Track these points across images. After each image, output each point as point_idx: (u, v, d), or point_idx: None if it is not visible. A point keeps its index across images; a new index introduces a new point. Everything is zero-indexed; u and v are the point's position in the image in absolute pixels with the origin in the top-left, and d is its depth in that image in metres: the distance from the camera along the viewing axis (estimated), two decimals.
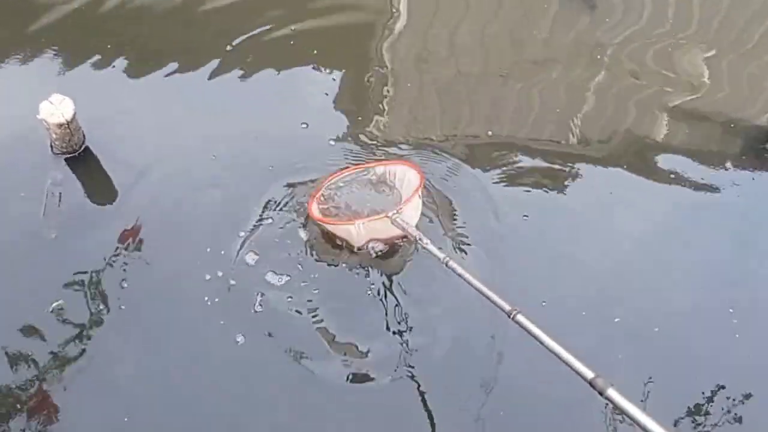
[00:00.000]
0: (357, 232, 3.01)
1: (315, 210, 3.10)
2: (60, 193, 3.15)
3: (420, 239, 2.87)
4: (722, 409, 2.81)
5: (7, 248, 3.00)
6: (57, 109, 3.03)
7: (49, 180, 3.20)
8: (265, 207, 3.18)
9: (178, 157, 3.37)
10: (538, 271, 3.11)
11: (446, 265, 2.71)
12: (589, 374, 2.08)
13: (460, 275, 2.64)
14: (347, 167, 3.30)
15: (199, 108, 3.59)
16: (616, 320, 2.97)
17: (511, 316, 2.34)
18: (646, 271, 3.17)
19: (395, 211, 2.97)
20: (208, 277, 2.94)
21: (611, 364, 2.80)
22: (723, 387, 2.86)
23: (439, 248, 2.81)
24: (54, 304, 2.83)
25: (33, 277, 2.93)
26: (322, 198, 3.17)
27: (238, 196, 3.21)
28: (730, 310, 3.04)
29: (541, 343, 2.23)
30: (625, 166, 3.57)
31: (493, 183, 3.41)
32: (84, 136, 3.27)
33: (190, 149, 3.39)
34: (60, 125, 3.05)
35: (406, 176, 3.22)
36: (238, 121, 3.55)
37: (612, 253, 3.21)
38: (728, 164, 3.64)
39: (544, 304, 2.96)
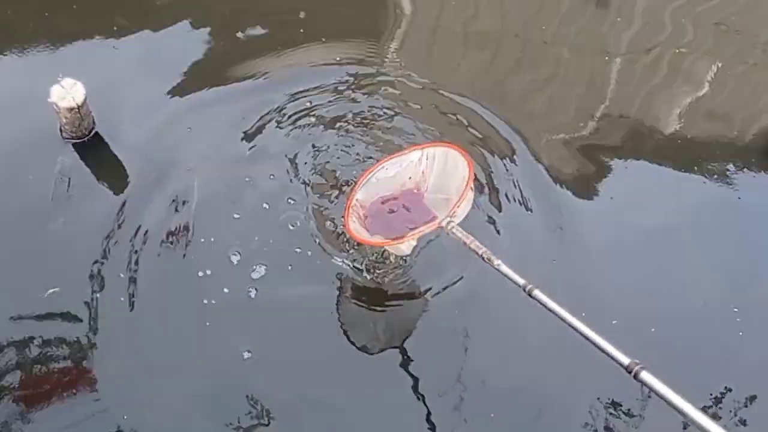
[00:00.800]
0: (407, 245, 2.61)
1: (353, 226, 2.60)
2: (69, 179, 3.16)
3: (489, 259, 2.32)
4: (727, 410, 2.79)
5: (15, 232, 3.00)
6: (68, 93, 3.05)
7: (58, 165, 3.20)
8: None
9: (187, 144, 3.37)
10: (535, 267, 2.99)
11: (530, 294, 2.18)
12: None
13: (552, 311, 2.12)
14: (380, 161, 2.84)
15: (209, 95, 3.60)
16: (614, 322, 2.92)
17: (632, 372, 1.94)
18: (648, 270, 3.15)
19: (449, 218, 2.48)
20: (201, 273, 2.91)
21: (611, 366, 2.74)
22: (728, 388, 2.84)
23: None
24: (50, 291, 2.82)
25: (38, 262, 2.92)
26: (356, 204, 2.70)
27: (244, 184, 3.22)
28: (735, 309, 3.03)
29: (674, 407, 1.87)
30: (630, 165, 3.57)
31: (499, 174, 3.40)
32: (94, 121, 3.28)
33: (200, 137, 3.40)
34: (70, 109, 3.06)
35: (448, 158, 2.69)
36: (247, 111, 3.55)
37: (613, 251, 3.20)
38: (736, 164, 3.64)
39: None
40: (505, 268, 2.28)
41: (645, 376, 1.92)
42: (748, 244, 3.30)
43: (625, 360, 1.97)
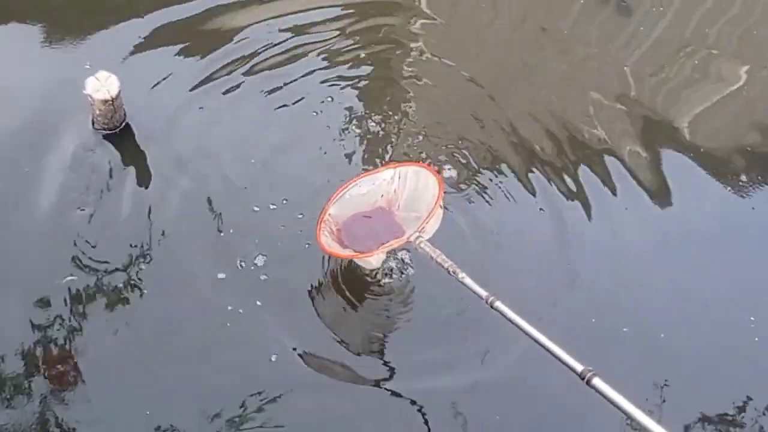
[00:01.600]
0: (376, 258, 2.70)
1: (325, 240, 2.68)
2: (102, 169, 3.20)
3: (454, 272, 2.42)
4: (742, 418, 2.82)
5: (45, 219, 3.05)
6: (103, 85, 3.10)
7: (89, 155, 3.25)
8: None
9: (213, 134, 3.44)
10: (546, 277, 3.09)
11: (491, 306, 2.27)
12: None
13: (512, 321, 2.22)
14: (353, 178, 2.91)
15: (242, 99, 3.64)
16: (625, 330, 2.95)
17: (585, 379, 2.02)
18: (663, 278, 3.15)
19: (417, 233, 2.58)
20: (221, 275, 2.92)
21: (623, 374, 2.51)
22: (747, 397, 2.86)
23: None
24: (67, 278, 2.85)
25: (63, 249, 2.96)
26: (329, 218, 2.77)
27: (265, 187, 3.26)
28: (751, 318, 3.04)
29: (624, 412, 1.95)
30: (646, 173, 3.57)
31: (510, 176, 3.44)
32: (125, 113, 3.33)
33: (226, 137, 3.45)
34: (105, 101, 3.12)
35: (419, 178, 2.80)
36: (275, 115, 3.60)
37: (627, 259, 3.20)
38: (755, 174, 3.64)
39: (552, 311, 2.91)
40: (469, 281, 2.38)
41: (596, 382, 2.00)
42: (766, 254, 3.32)
43: (579, 367, 2.05)
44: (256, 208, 3.14)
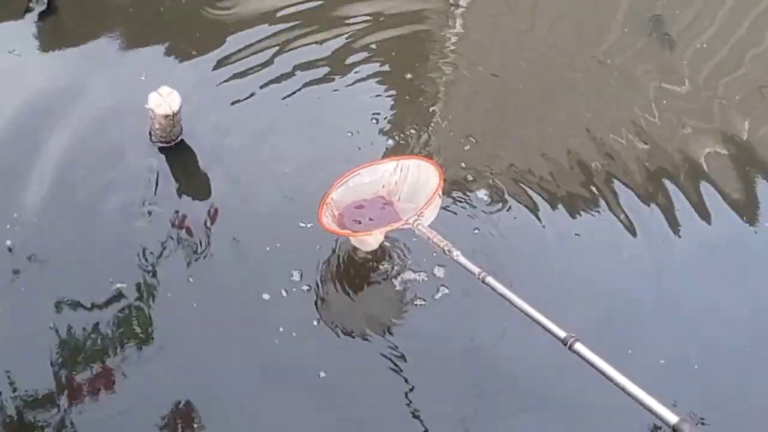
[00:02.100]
0: (375, 239, 2.81)
1: (326, 220, 2.79)
2: (156, 182, 3.32)
3: (449, 251, 2.57)
4: None
5: (98, 229, 3.15)
6: (164, 100, 3.23)
7: (145, 168, 3.37)
8: None
9: (267, 160, 3.53)
10: (577, 306, 3.05)
11: (483, 281, 2.43)
12: (673, 418, 1.92)
13: (502, 295, 2.37)
14: (355, 167, 3.00)
15: (287, 113, 3.76)
16: (662, 362, 2.92)
17: (568, 345, 2.16)
18: (699, 306, 3.14)
19: (416, 217, 2.71)
20: (266, 296, 2.96)
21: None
22: None
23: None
24: (117, 285, 2.92)
25: (114, 256, 3.06)
26: (331, 202, 2.88)
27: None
28: None
29: (606, 377, 2.07)
30: (676, 194, 3.59)
31: (542, 196, 3.48)
32: (182, 128, 3.45)
33: (279, 153, 3.56)
34: (166, 116, 3.24)
35: (420, 171, 2.92)
36: (326, 133, 3.70)
37: (660, 284, 3.18)
38: None
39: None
40: (462, 259, 2.53)
41: (579, 347, 2.14)
42: None
43: (562, 334, 2.19)
44: (301, 224, 3.20)
